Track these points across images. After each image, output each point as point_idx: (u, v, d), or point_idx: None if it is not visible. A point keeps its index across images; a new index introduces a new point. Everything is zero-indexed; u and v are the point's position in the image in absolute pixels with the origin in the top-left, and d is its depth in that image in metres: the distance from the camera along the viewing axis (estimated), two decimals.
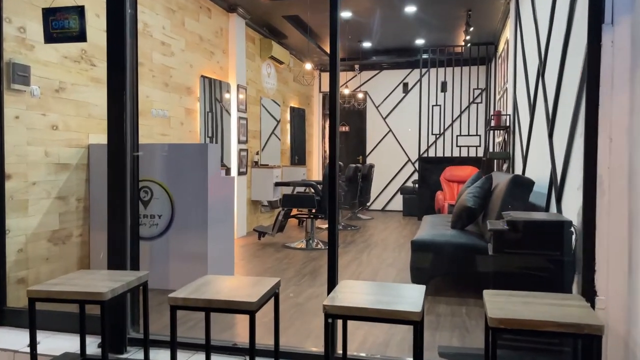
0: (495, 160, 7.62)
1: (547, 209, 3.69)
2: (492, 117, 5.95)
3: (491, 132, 7.17)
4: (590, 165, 2.16)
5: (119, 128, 2.68)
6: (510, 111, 5.94)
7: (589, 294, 2.16)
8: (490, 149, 7.62)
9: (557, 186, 3.32)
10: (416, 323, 1.85)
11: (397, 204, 10.12)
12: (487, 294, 2.06)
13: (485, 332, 1.98)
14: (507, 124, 5.79)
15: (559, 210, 3.24)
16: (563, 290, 2.56)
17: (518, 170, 5.27)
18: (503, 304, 1.93)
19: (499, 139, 7.16)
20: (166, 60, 5.23)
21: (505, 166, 6.04)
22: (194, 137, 5.77)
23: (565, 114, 3.13)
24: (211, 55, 6.18)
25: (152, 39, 4.97)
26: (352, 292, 2.13)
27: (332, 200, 2.61)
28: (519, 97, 5.43)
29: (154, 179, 4.02)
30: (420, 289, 2.15)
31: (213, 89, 6.20)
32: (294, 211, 6.23)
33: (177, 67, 5.43)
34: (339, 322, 2.13)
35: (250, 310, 1.98)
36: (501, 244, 2.60)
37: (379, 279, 4.41)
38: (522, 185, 3.66)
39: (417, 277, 3.93)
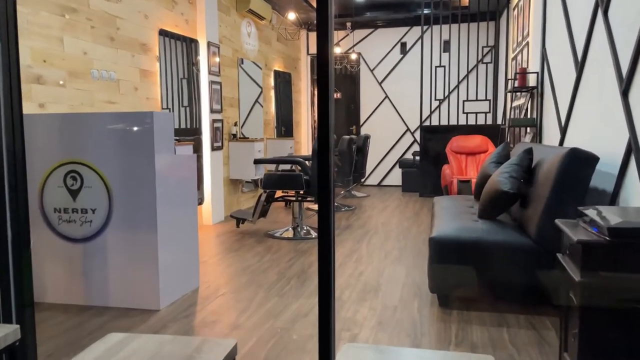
0: (509, 129, 6.64)
1: (614, 197, 2.72)
2: (515, 77, 4.93)
3: (508, 95, 6.16)
4: None
5: None
6: (535, 69, 4.93)
7: None
8: (506, 115, 6.62)
9: None
10: None
11: (396, 178, 9.16)
12: None
13: None
14: (535, 85, 4.78)
15: None
16: None
17: (550, 141, 4.30)
18: None
19: (515, 103, 6.16)
20: (110, 7, 4.12)
21: (529, 136, 5.06)
22: (153, 106, 4.71)
23: None
24: (173, 5, 5.06)
25: None
26: None
27: (326, 215, 1.61)
28: (551, 51, 4.41)
29: (83, 160, 2.99)
30: None
31: (177, 46, 5.11)
32: (279, 193, 5.24)
33: (126, 17, 4.33)
34: None
35: None
36: (597, 263, 1.63)
37: (385, 283, 3.46)
38: (582, 163, 2.68)
39: (437, 285, 2.98)
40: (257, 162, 4.99)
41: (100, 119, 2.98)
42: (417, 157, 8.30)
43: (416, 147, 8.97)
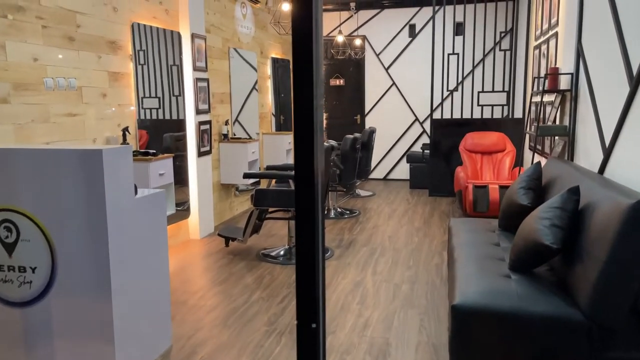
0: (537, 138, 5.96)
1: None
2: (545, 77, 4.26)
3: (532, 89, 5.48)
4: None
5: None
6: (568, 68, 4.26)
7: None
8: (528, 113, 5.95)
9: None
10: None
11: (402, 171, 8.56)
12: None
13: None
14: (568, 88, 4.11)
15: None
16: None
17: (588, 160, 3.66)
18: None
19: (536, 98, 5.48)
20: (67, 1, 3.47)
21: (559, 146, 4.41)
22: (125, 114, 4.09)
23: None
24: None
25: None
26: None
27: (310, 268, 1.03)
28: (589, 50, 3.74)
29: (18, 207, 2.40)
30: None
31: (157, 41, 4.45)
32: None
33: (88, 12, 3.67)
34: None
35: None
36: None
37: (394, 341, 2.89)
38: None
39: None
40: (246, 176, 4.38)
41: (36, 156, 2.38)
42: (427, 151, 7.67)
43: (425, 139, 8.33)
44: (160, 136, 4.57)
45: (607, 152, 3.22)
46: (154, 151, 4.01)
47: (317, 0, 0.90)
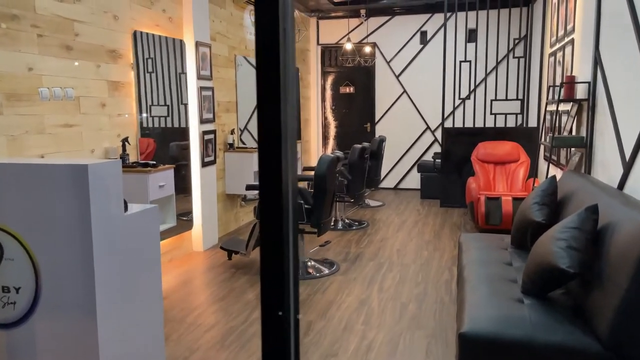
0: (552, 149, 5.75)
1: None
2: (561, 85, 4.08)
3: (546, 97, 5.29)
4: None
5: None
6: (584, 76, 4.07)
7: None
8: (543, 121, 5.75)
9: None
10: None
11: (413, 180, 8.37)
12: None
13: None
14: (585, 97, 3.93)
15: None
16: None
17: (607, 173, 3.47)
18: None
19: (551, 107, 5.29)
20: (64, 9, 3.38)
21: (575, 157, 4.22)
22: (126, 124, 3.99)
23: None
24: (152, 1, 4.29)
25: None
26: None
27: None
28: (608, 57, 3.56)
29: (1, 225, 2.29)
30: None
31: (159, 49, 4.35)
32: None
33: (87, 20, 3.58)
34: None
35: None
36: None
37: None
38: None
39: None
40: (249, 188, 4.25)
41: (19, 171, 2.27)
42: (438, 160, 7.48)
43: (437, 148, 8.15)
44: (166, 145, 4.48)
45: (628, 166, 3.03)
46: (154, 162, 3.90)
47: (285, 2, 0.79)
